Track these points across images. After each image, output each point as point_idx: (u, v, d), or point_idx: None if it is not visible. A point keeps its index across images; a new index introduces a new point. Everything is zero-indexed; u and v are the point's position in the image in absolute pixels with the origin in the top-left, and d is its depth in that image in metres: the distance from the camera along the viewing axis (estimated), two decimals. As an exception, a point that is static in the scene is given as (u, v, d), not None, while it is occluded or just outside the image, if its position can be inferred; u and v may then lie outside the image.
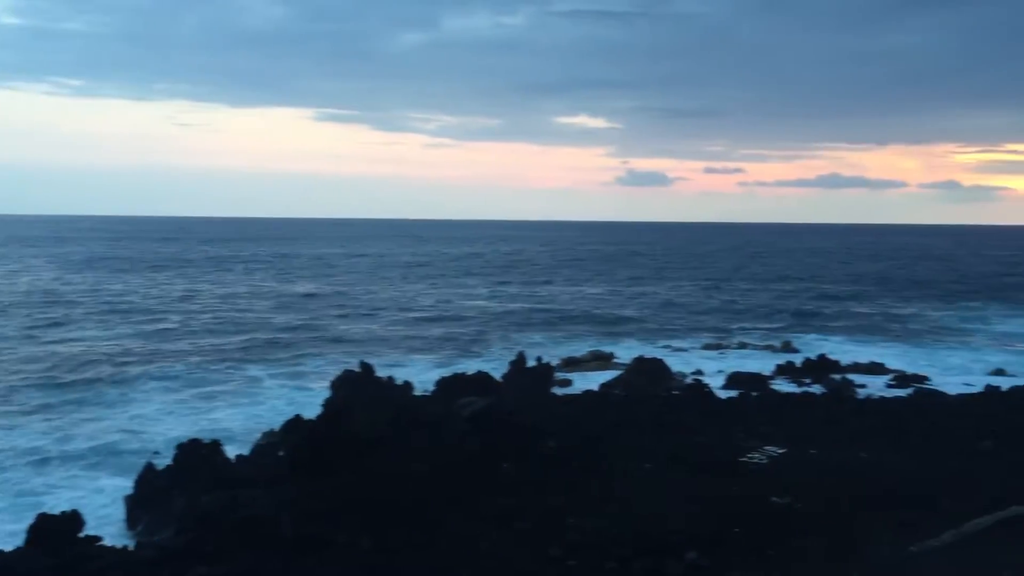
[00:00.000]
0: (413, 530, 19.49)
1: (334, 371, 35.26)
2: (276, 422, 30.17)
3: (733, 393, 37.68)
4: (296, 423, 26.89)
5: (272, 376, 45.21)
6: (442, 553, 18.45)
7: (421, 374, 42.46)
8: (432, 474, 22.82)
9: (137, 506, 25.30)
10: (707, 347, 56.12)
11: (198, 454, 25.77)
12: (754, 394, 36.89)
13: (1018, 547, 16.96)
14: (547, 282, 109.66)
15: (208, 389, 42.18)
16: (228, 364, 48.84)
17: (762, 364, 47.46)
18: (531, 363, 34.67)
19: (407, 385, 31.67)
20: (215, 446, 26.29)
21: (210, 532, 18.98)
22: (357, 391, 27.54)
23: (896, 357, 51.34)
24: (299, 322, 67.76)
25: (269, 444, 27.48)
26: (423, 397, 32.09)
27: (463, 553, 18.40)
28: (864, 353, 51.88)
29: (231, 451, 26.92)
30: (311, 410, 27.98)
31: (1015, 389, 37.11)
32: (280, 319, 69.48)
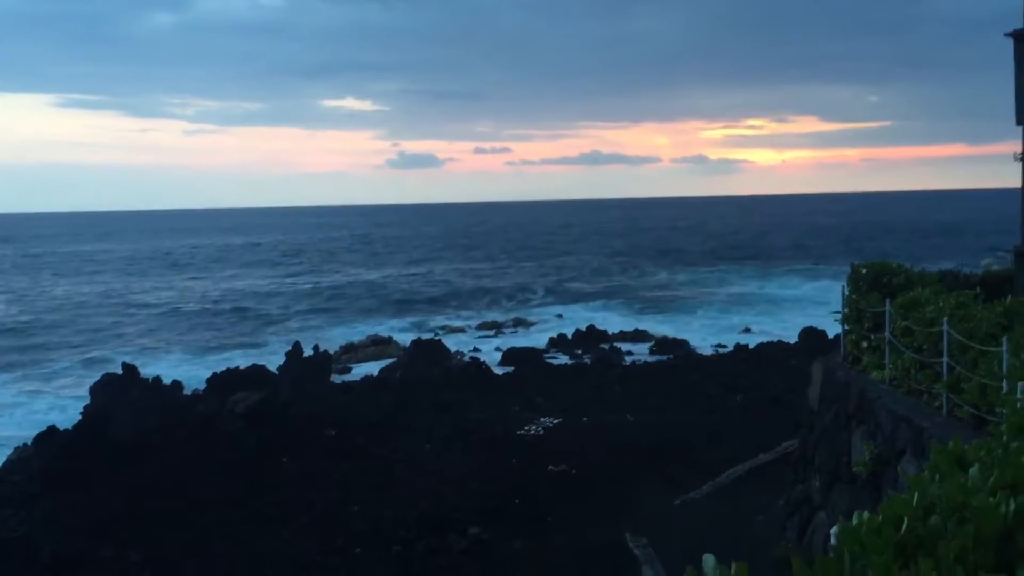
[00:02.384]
0: (187, 537, 18.63)
1: (91, 375, 32.90)
2: (27, 435, 27.76)
3: (509, 369, 38.73)
4: (50, 434, 24.91)
5: (14, 384, 41.36)
6: (219, 558, 17.77)
7: (191, 372, 40.44)
8: (206, 476, 21.90)
9: None
10: (483, 326, 57.21)
11: (-65, 478, 23.31)
12: (529, 368, 38.09)
13: (767, 491, 18.58)
14: (320, 269, 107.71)
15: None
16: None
17: (536, 339, 49.02)
18: (308, 352, 33.97)
19: (176, 385, 30.16)
20: (-44, 468, 23.90)
21: (-47, 563, 17.27)
22: (120, 395, 25.91)
23: (658, 324, 54.58)
24: (45, 323, 62.49)
25: (20, 460, 25.27)
26: (193, 396, 30.70)
27: (242, 555, 17.81)
28: (629, 322, 54.82)
29: (-25, 471, 24.49)
30: (66, 419, 25.94)
31: (760, 346, 40.57)
32: (20, 320, 63.79)
